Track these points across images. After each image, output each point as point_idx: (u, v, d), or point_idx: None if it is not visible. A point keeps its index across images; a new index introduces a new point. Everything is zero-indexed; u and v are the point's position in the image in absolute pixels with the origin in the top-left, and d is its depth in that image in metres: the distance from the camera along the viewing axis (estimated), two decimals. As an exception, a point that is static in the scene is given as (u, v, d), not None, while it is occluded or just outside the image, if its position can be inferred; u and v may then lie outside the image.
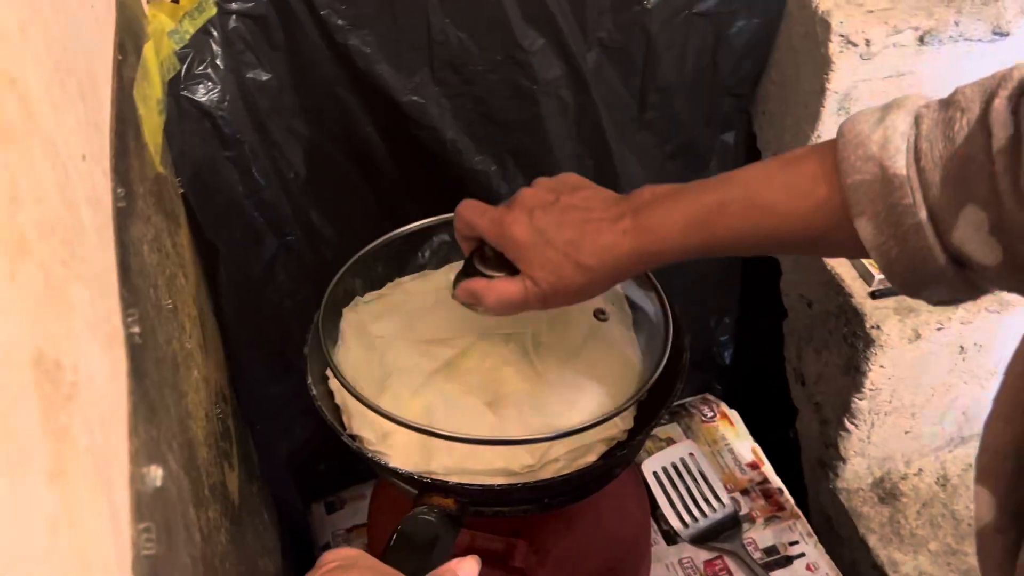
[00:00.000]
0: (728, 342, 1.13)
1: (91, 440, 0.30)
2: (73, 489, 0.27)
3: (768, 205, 0.53)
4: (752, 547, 0.91)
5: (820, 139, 0.90)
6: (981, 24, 0.85)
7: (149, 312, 0.46)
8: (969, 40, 0.86)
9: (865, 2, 0.86)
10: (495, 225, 0.60)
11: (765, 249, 0.56)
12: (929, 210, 0.48)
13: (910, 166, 0.48)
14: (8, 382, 0.25)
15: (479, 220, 0.61)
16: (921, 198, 0.47)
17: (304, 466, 0.96)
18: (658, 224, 0.56)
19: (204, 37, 0.71)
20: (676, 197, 0.56)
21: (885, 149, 0.48)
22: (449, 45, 0.79)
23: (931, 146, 0.48)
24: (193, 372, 0.57)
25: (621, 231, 0.56)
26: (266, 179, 0.79)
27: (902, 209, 0.48)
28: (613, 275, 0.58)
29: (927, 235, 0.48)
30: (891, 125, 0.49)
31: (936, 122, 0.48)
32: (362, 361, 0.68)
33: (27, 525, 0.24)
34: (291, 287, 0.86)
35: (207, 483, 0.54)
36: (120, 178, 0.47)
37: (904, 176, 0.48)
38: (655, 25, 0.85)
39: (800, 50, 0.89)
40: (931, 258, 0.48)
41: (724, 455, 1.00)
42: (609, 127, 0.89)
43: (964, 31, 0.85)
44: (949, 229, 0.47)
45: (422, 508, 0.58)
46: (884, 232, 0.49)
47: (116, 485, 0.33)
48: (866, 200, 0.49)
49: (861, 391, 0.94)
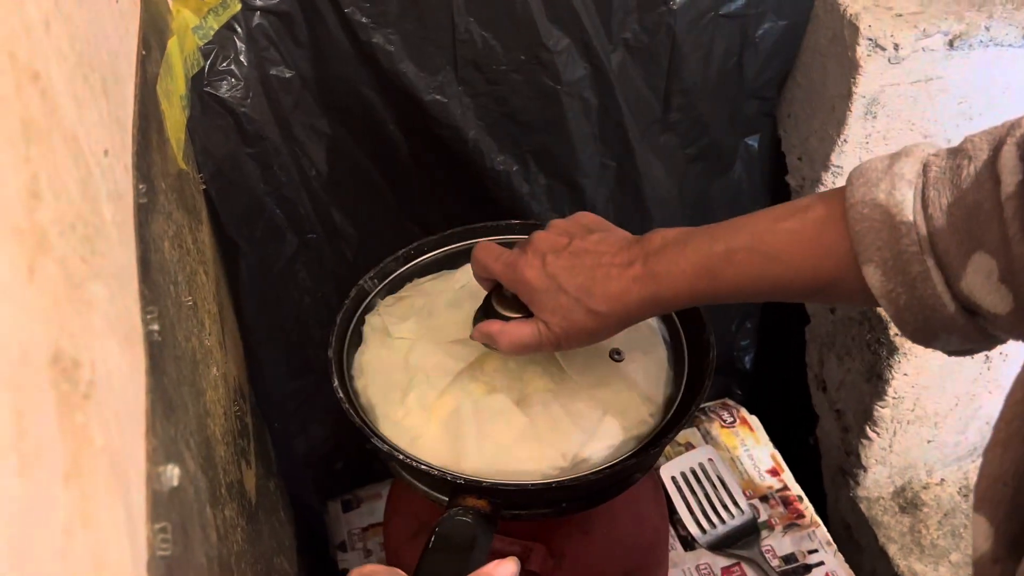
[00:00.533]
0: (749, 347, 1.12)
1: (108, 439, 0.30)
2: (89, 489, 0.27)
3: (774, 253, 0.53)
4: (770, 554, 0.90)
5: (846, 143, 0.89)
6: (1013, 29, 0.84)
7: (169, 309, 0.46)
8: (1000, 45, 0.85)
9: (894, 5, 0.85)
10: (509, 269, 0.61)
11: (773, 297, 0.56)
12: (937, 257, 0.47)
13: (917, 213, 0.48)
14: (25, 380, 0.25)
15: (494, 264, 0.62)
16: (928, 245, 0.47)
17: (321, 464, 0.96)
18: (666, 272, 0.56)
19: (228, 33, 0.71)
20: (685, 243, 0.56)
21: (891, 196, 0.48)
22: (473, 44, 0.79)
23: (939, 194, 0.47)
24: (212, 369, 0.57)
25: (631, 277, 0.57)
26: (288, 176, 0.79)
27: (909, 256, 0.48)
28: (624, 320, 0.58)
29: (935, 283, 0.47)
30: (898, 172, 0.49)
31: (944, 169, 0.48)
32: (385, 363, 0.68)
33: (42, 525, 0.24)
34: (311, 285, 0.86)
35: (224, 481, 0.54)
36: (142, 174, 0.46)
37: (911, 223, 0.47)
38: (681, 26, 0.84)
39: (827, 53, 0.88)
40: (940, 306, 0.48)
41: (743, 461, 1.00)
42: (632, 128, 0.88)
43: (995, 36, 0.84)
44: (958, 277, 0.47)
45: (457, 509, 0.58)
46: (892, 279, 0.48)
47: (133, 484, 0.33)
48: (873, 247, 0.49)
49: (884, 399, 0.93)
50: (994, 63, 0.86)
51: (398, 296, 0.73)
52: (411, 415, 0.64)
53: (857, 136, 0.88)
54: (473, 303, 0.67)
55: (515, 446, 0.62)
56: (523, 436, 0.63)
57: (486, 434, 0.63)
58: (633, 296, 0.57)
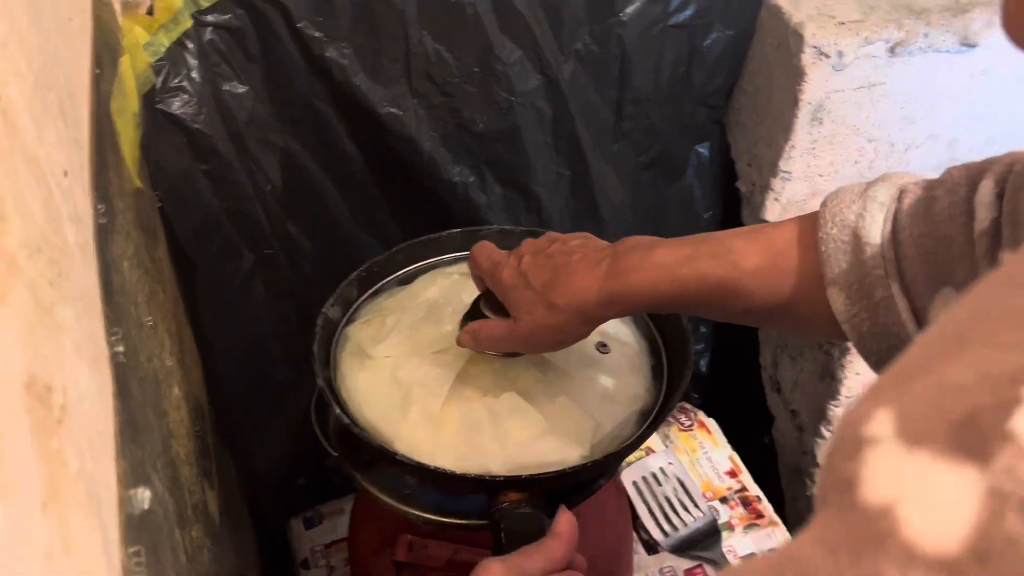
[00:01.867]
0: (704, 351, 1.14)
1: (81, 464, 0.30)
2: (67, 514, 0.27)
3: (739, 262, 0.52)
4: (732, 555, 0.92)
5: (794, 149, 0.91)
6: (950, 35, 0.87)
7: (131, 330, 0.46)
8: (938, 51, 0.87)
9: (837, 14, 0.87)
10: (492, 269, 0.62)
11: (733, 312, 0.55)
12: (904, 286, 0.46)
13: (885, 237, 0.47)
14: (1, 407, 0.24)
15: (483, 263, 0.63)
16: (895, 271, 0.46)
17: (282, 481, 0.95)
18: (631, 269, 0.56)
19: (179, 49, 0.71)
20: (655, 247, 0.56)
21: (862, 218, 0.47)
22: (426, 57, 0.79)
23: (912, 221, 0.46)
24: (174, 389, 0.56)
25: (596, 275, 0.57)
26: (243, 192, 0.78)
27: (873, 279, 0.47)
28: (585, 317, 0.58)
29: (899, 310, 0.46)
30: (872, 196, 0.48)
31: (920, 199, 0.47)
32: (373, 385, 0.68)
33: (23, 553, 0.24)
34: (269, 300, 0.85)
35: (190, 502, 0.53)
36: (100, 194, 0.46)
37: (877, 245, 0.47)
38: (631, 36, 0.85)
39: (773, 61, 0.89)
40: (904, 335, 0.46)
41: (702, 464, 1.01)
42: (585, 137, 0.89)
43: (933, 42, 0.87)
44: (924, 307, 0.46)
45: (508, 504, 0.58)
46: (856, 303, 0.47)
47: (106, 508, 0.32)
48: (838, 268, 0.48)
49: (837, 398, 0.95)
50: (933, 68, 0.89)
51: (364, 320, 0.73)
52: (418, 429, 0.64)
53: (804, 142, 0.90)
54: (444, 313, 0.67)
55: (536, 441, 0.63)
56: (542, 431, 0.64)
57: (505, 433, 0.64)
58: (593, 292, 0.56)
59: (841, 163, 0.93)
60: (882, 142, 0.93)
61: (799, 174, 0.92)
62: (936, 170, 0.52)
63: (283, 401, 0.89)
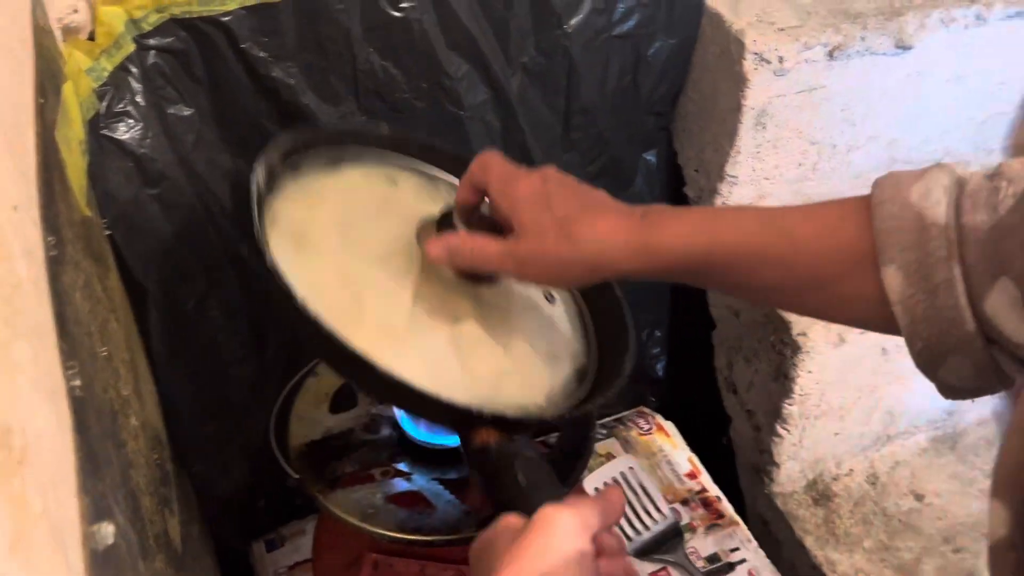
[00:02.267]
0: (660, 355, 1.15)
1: (45, 503, 0.29)
2: (34, 557, 0.26)
3: (791, 229, 0.50)
4: (695, 556, 0.93)
5: (739, 154, 0.92)
6: (886, 38, 0.89)
7: (87, 362, 0.45)
8: (875, 54, 0.90)
9: (776, 20, 0.89)
10: (505, 176, 0.57)
11: (762, 282, 0.52)
12: (964, 269, 0.45)
13: (950, 218, 0.45)
14: (-37, 452, 0.24)
15: (495, 170, 0.58)
16: (957, 253, 0.45)
17: (243, 504, 0.94)
18: (668, 220, 0.53)
19: (123, 74, 0.70)
20: (693, 207, 0.54)
21: (926, 198, 0.46)
22: (374, 74, 0.79)
23: (974, 207, 0.45)
24: (131, 419, 0.56)
25: (627, 223, 0.53)
26: (192, 215, 0.78)
27: (935, 260, 0.45)
28: (596, 259, 0.54)
29: (958, 294, 0.45)
30: (933, 179, 0.47)
31: (981, 187, 0.46)
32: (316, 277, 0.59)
33: (-9, 600, 0.23)
34: (223, 323, 0.84)
35: (152, 532, 0.53)
36: (49, 226, 0.45)
37: (943, 226, 0.45)
38: (576, 48, 0.86)
39: (716, 69, 0.91)
40: (960, 321, 0.45)
41: (662, 467, 1.02)
42: (535, 148, 0.90)
43: (870, 45, 0.89)
44: (982, 295, 0.44)
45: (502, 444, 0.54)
46: (913, 284, 0.46)
47: (70, 547, 0.32)
48: (897, 248, 0.46)
49: (791, 396, 0.96)
50: (871, 71, 0.91)
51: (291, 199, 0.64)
52: (378, 342, 0.56)
53: (748, 146, 0.92)
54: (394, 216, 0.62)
55: (500, 379, 0.60)
56: (504, 369, 0.60)
57: (472, 366, 0.59)
58: (620, 238, 0.53)
59: (786, 166, 0.95)
60: (824, 144, 0.95)
61: (745, 178, 0.94)
62: (877, 170, 0.53)
63: (241, 423, 0.88)
